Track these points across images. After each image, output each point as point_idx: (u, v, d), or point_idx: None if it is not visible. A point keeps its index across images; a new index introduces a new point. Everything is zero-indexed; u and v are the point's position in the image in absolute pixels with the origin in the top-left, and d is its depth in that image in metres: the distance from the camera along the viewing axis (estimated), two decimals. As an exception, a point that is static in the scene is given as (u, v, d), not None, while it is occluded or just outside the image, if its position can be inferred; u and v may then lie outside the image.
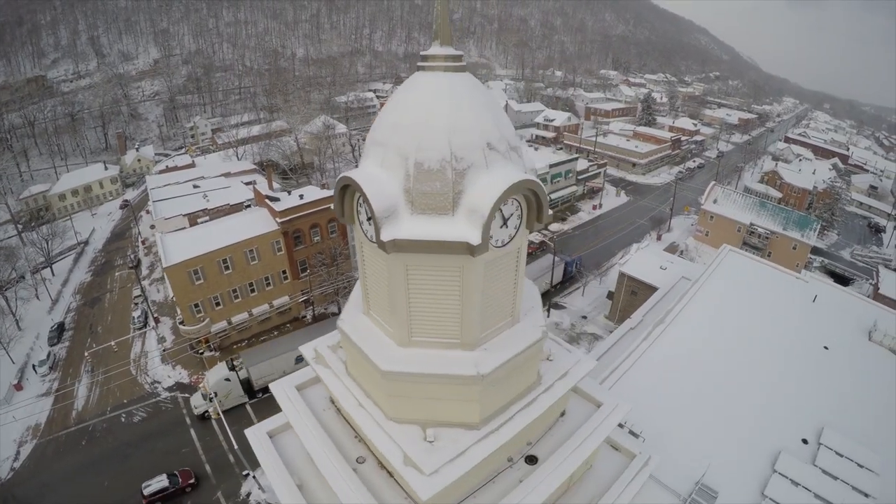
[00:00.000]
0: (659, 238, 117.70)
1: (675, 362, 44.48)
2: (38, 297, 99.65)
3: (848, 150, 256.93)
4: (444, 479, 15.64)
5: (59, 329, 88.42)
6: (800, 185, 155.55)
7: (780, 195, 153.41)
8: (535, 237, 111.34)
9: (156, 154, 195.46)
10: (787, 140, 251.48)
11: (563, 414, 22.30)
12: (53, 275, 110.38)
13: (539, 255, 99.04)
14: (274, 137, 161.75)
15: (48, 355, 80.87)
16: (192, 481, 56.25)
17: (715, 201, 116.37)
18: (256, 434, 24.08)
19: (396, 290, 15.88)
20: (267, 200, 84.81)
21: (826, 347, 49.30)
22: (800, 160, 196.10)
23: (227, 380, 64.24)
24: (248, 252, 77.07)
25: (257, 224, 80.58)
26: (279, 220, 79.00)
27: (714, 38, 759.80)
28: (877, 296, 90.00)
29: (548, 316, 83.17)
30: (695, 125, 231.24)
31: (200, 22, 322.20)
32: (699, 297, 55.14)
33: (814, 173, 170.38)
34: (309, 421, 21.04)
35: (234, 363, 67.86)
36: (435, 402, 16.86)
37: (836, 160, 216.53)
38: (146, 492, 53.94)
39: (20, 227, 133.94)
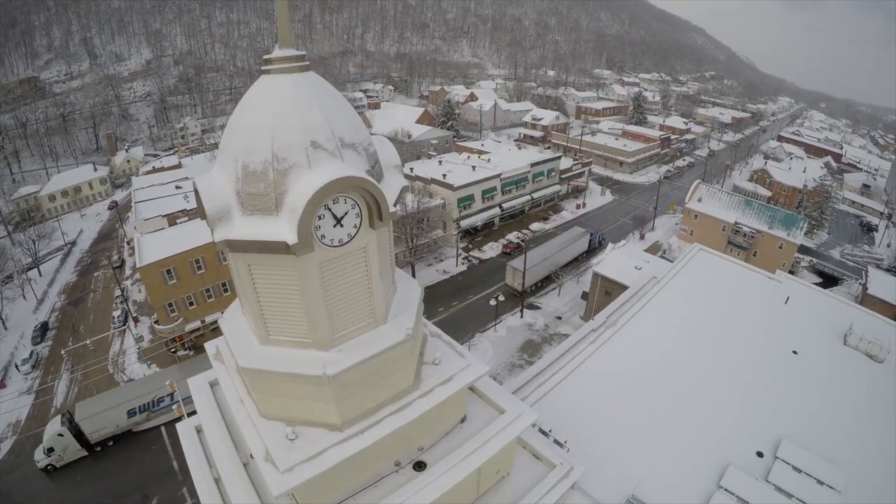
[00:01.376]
0: (642, 237, 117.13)
1: (621, 367, 42.89)
2: (24, 297, 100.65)
3: (842, 148, 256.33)
4: (298, 476, 15.81)
5: (43, 328, 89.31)
6: (789, 184, 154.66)
7: (769, 194, 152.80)
8: (513, 237, 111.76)
9: (145, 155, 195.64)
10: (780, 138, 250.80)
11: (463, 420, 22.41)
12: (41, 275, 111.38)
13: (567, 228, 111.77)
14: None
15: (31, 354, 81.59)
16: None
17: (699, 200, 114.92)
18: (185, 427, 24.83)
19: (247, 289, 16.20)
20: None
21: (795, 352, 47.27)
22: (791, 158, 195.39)
23: (60, 435, 59.22)
24: (220, 252, 76.70)
25: None
26: None
27: (710, 38, 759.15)
28: (865, 296, 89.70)
29: (521, 317, 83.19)
30: (685, 124, 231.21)
31: (193, 23, 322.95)
32: (660, 299, 53.51)
33: (804, 171, 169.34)
34: (211, 416, 21.64)
35: (71, 416, 61.50)
36: (296, 401, 17.00)
37: (828, 159, 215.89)
38: None
39: (11, 227, 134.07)
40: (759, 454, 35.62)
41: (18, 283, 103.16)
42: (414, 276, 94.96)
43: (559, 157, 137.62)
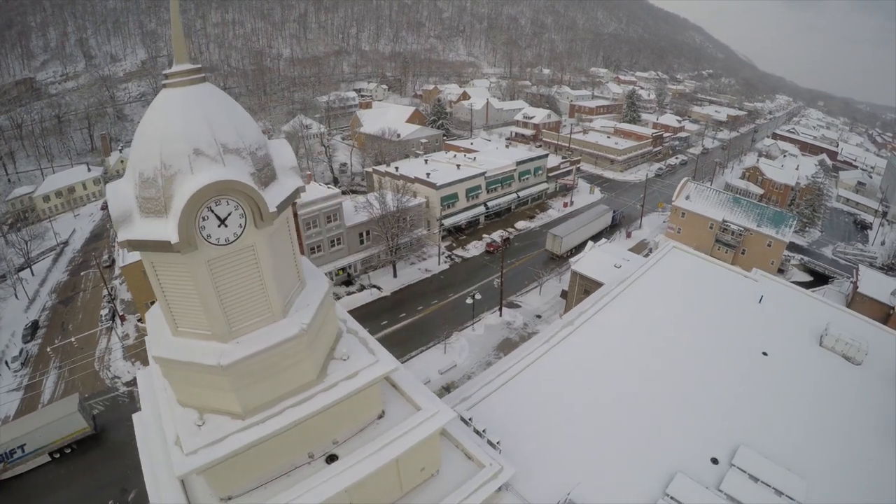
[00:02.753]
0: (628, 236, 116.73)
1: (575, 367, 42.08)
2: (16, 297, 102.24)
3: (838, 146, 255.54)
4: (200, 459, 17.57)
5: (34, 327, 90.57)
6: (781, 181, 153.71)
7: (761, 191, 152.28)
8: (497, 236, 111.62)
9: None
10: (775, 136, 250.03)
11: (381, 416, 23.42)
12: (33, 275, 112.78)
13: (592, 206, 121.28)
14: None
15: (21, 352, 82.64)
16: None
17: (687, 198, 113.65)
18: (139, 417, 26.05)
19: (155, 285, 17.87)
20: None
21: (765, 353, 46.03)
22: (784, 156, 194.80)
23: None
24: None
25: None
26: None
27: (709, 37, 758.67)
28: (856, 295, 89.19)
29: (500, 315, 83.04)
30: (679, 122, 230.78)
31: (188, 23, 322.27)
32: (625, 297, 52.60)
33: (797, 169, 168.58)
34: (148, 406, 23.62)
35: None
36: (203, 390, 18.57)
37: (823, 156, 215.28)
38: None
39: (6, 228, 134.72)
40: (714, 461, 34.72)
41: (11, 282, 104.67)
42: (395, 274, 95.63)
43: (546, 156, 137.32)
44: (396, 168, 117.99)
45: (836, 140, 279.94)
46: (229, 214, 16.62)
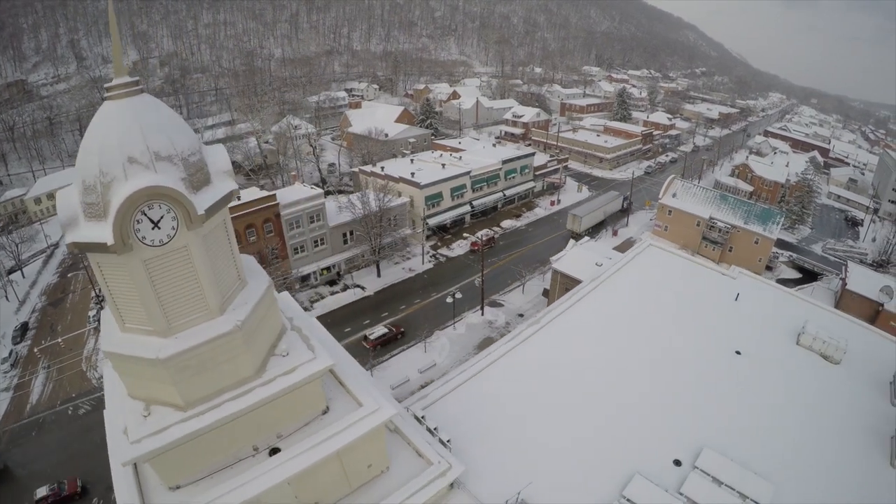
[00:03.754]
0: (615, 234, 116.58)
1: (537, 366, 41.64)
2: (7, 299, 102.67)
3: (829, 143, 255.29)
4: (144, 447, 18.99)
5: (23, 328, 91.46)
6: (771, 179, 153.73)
7: (750, 189, 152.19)
8: (482, 235, 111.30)
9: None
10: (766, 133, 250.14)
11: (326, 411, 24.26)
12: (23, 277, 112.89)
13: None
14: (237, 139, 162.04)
15: (10, 353, 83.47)
16: (78, 489, 56.62)
17: (674, 195, 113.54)
18: (107, 412, 26.36)
19: (102, 284, 19.15)
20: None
21: (738, 352, 45.36)
22: (775, 153, 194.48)
23: None
24: None
25: None
26: None
27: (703, 35, 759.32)
28: (844, 291, 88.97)
29: (482, 314, 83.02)
30: (670, 119, 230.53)
31: (179, 24, 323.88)
32: (597, 295, 52.13)
33: (787, 166, 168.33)
34: (109, 399, 24.73)
35: None
36: (149, 383, 19.85)
37: (814, 153, 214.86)
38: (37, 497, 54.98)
39: None
40: (677, 462, 34.19)
41: (1, 285, 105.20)
42: (379, 274, 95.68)
43: (532, 154, 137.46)
44: (382, 168, 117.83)
45: (828, 137, 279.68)
46: (162, 217, 17.83)
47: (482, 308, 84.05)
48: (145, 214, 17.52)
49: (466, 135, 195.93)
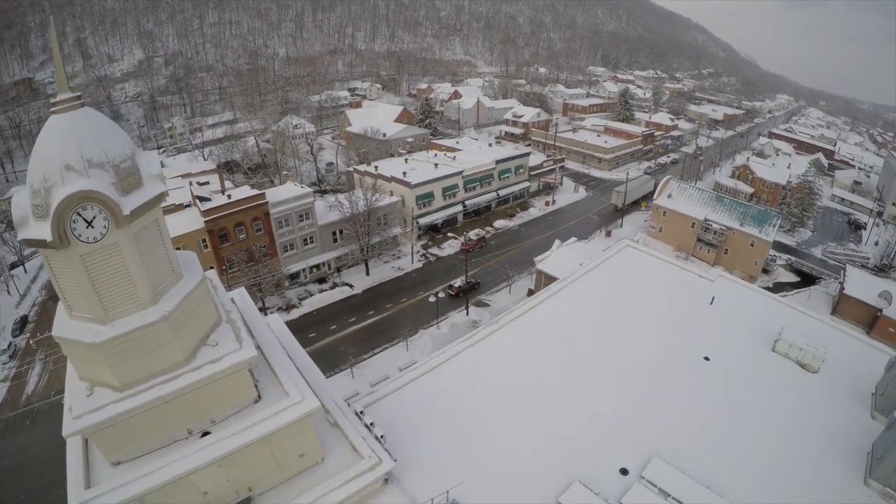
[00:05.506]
0: (608, 234, 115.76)
1: (491, 368, 41.05)
2: (8, 293, 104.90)
3: (835, 145, 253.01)
4: (83, 423, 21.46)
5: (23, 321, 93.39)
6: (772, 180, 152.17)
7: (751, 190, 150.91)
8: (473, 235, 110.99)
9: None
10: (771, 135, 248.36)
11: (258, 400, 26.01)
12: (25, 272, 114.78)
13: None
14: (236, 139, 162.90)
15: (9, 345, 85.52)
16: None
17: (669, 196, 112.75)
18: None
19: (51, 276, 21.71)
20: (196, 200, 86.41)
21: (707, 358, 43.98)
22: (777, 154, 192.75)
23: None
24: (201, 241, 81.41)
25: (186, 222, 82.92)
26: (204, 219, 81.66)
27: (711, 36, 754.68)
28: (842, 296, 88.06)
29: (467, 314, 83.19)
30: (672, 120, 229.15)
31: (185, 23, 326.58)
32: (565, 296, 51.37)
33: (789, 167, 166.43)
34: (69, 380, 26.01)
35: None
36: (90, 365, 22.14)
37: (819, 155, 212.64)
38: None
39: (1, 227, 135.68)
40: (624, 471, 33.34)
41: (3, 279, 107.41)
42: (368, 272, 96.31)
43: (528, 154, 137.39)
44: (376, 167, 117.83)
45: (834, 139, 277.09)
46: (94, 217, 20.00)
47: (467, 308, 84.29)
48: (80, 215, 19.70)
49: (466, 135, 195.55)
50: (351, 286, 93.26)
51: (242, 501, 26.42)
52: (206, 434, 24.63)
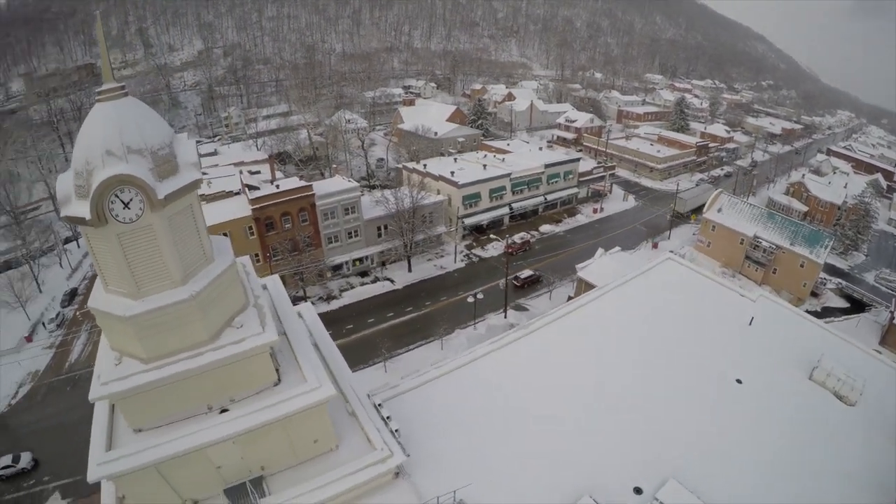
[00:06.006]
0: (655, 246, 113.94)
1: (516, 373, 40.42)
2: (61, 266, 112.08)
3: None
4: (109, 389, 22.78)
5: (72, 294, 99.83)
6: (827, 199, 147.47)
7: (805, 209, 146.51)
8: (518, 238, 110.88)
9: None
10: (829, 152, 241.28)
11: (277, 383, 26.93)
12: (78, 247, 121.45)
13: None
14: (289, 130, 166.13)
15: (57, 315, 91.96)
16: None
17: (719, 210, 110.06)
18: None
19: (90, 252, 22.84)
20: (245, 188, 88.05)
21: (739, 381, 41.80)
22: (834, 173, 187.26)
23: None
24: (221, 234, 79.87)
25: (234, 209, 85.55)
26: (251, 207, 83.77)
27: (772, 47, 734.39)
28: (892, 326, 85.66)
29: (504, 317, 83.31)
30: (728, 132, 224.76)
31: (244, 16, 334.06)
32: (599, 306, 50.19)
33: (845, 187, 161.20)
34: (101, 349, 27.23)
35: None
36: (122, 336, 23.47)
37: (878, 176, 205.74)
38: None
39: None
40: (638, 490, 32.30)
41: (57, 253, 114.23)
42: (410, 269, 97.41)
43: (577, 160, 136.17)
44: (424, 165, 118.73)
45: (895, 160, 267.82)
46: (131, 200, 21.15)
47: (505, 310, 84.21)
48: (118, 197, 20.85)
49: (517, 137, 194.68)
50: (392, 281, 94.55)
51: (255, 479, 27.32)
52: (224, 411, 25.71)
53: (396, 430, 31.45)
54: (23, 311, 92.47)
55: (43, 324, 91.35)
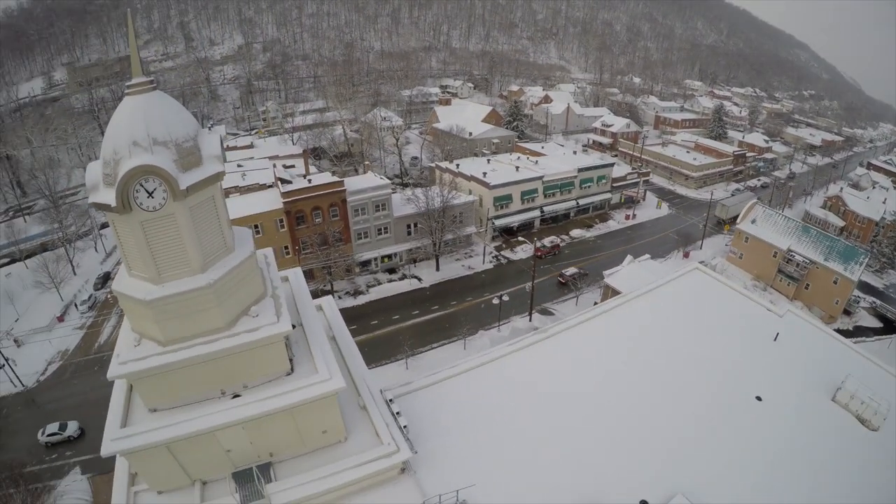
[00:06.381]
0: (686, 255, 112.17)
1: (531, 377, 40.12)
2: (96, 250, 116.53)
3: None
4: (127, 368, 23.88)
5: (105, 277, 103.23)
6: (865, 215, 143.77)
7: (842, 223, 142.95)
8: (548, 242, 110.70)
9: (227, 133, 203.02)
10: (869, 166, 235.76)
11: (290, 373, 27.68)
12: None
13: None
14: (325, 126, 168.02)
15: (90, 297, 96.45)
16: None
17: (753, 221, 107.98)
18: None
19: (115, 237, 23.90)
20: (278, 181, 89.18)
21: (759, 398, 40.38)
22: (874, 187, 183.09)
23: None
24: (252, 226, 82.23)
25: (266, 202, 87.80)
26: (283, 200, 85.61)
27: (815, 55, 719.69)
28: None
29: (529, 320, 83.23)
30: (767, 142, 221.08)
31: (284, 12, 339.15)
32: (621, 313, 49.42)
33: (884, 202, 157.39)
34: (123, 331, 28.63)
35: None
36: (141, 320, 24.50)
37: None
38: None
39: None
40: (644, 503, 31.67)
41: (93, 237, 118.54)
42: (438, 268, 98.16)
43: (611, 165, 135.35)
44: (457, 165, 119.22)
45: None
46: (155, 189, 22.07)
47: (530, 314, 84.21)
48: (142, 186, 21.84)
49: (553, 140, 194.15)
50: (419, 279, 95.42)
51: (263, 465, 28.10)
52: (236, 396, 26.58)
53: (405, 427, 31.85)
54: (56, 291, 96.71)
55: (75, 305, 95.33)
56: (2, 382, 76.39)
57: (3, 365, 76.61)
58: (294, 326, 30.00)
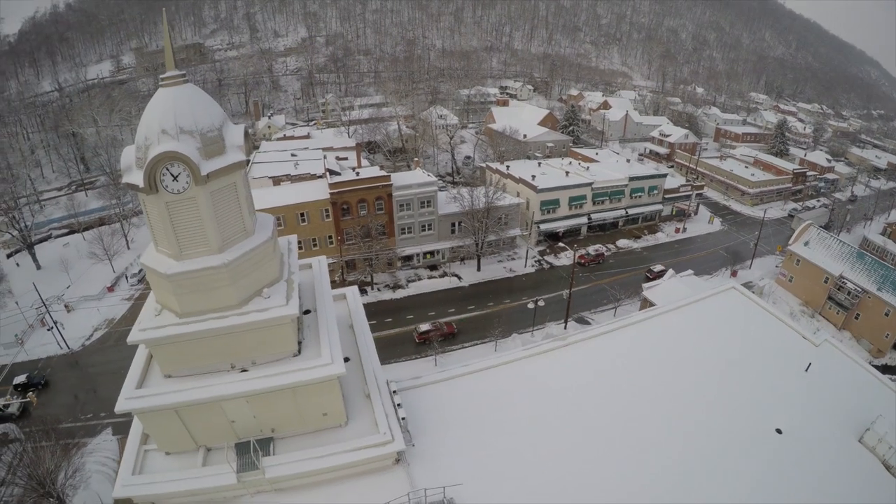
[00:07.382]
0: (734, 274, 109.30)
1: (543, 384, 39.37)
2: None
3: None
4: (145, 334, 26.18)
5: None
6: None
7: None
8: (592, 250, 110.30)
9: (286, 123, 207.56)
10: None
11: (297, 354, 29.35)
12: None
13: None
14: (381, 121, 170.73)
15: (140, 270, 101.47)
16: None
17: (806, 244, 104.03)
18: None
19: (145, 215, 26.23)
20: (327, 173, 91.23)
21: (779, 431, 38.04)
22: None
23: None
24: (299, 214, 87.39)
25: (314, 192, 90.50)
26: (329, 191, 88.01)
27: (886, 74, 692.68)
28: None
29: (565, 327, 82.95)
30: (829, 161, 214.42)
31: (348, 7, 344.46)
32: (647, 328, 47.91)
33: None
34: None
35: None
36: (163, 292, 26.65)
37: None
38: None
39: None
40: None
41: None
42: (479, 268, 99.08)
43: (664, 176, 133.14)
44: (507, 166, 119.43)
45: None
46: (180, 173, 24.11)
47: (566, 321, 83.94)
48: (168, 170, 23.89)
49: (608, 147, 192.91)
50: (459, 278, 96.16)
51: (265, 439, 29.96)
52: (244, 371, 28.28)
53: (404, 419, 32.54)
54: (109, 263, 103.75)
55: (126, 277, 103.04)
56: (50, 344, 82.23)
57: (52, 327, 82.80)
58: (308, 312, 32.27)
